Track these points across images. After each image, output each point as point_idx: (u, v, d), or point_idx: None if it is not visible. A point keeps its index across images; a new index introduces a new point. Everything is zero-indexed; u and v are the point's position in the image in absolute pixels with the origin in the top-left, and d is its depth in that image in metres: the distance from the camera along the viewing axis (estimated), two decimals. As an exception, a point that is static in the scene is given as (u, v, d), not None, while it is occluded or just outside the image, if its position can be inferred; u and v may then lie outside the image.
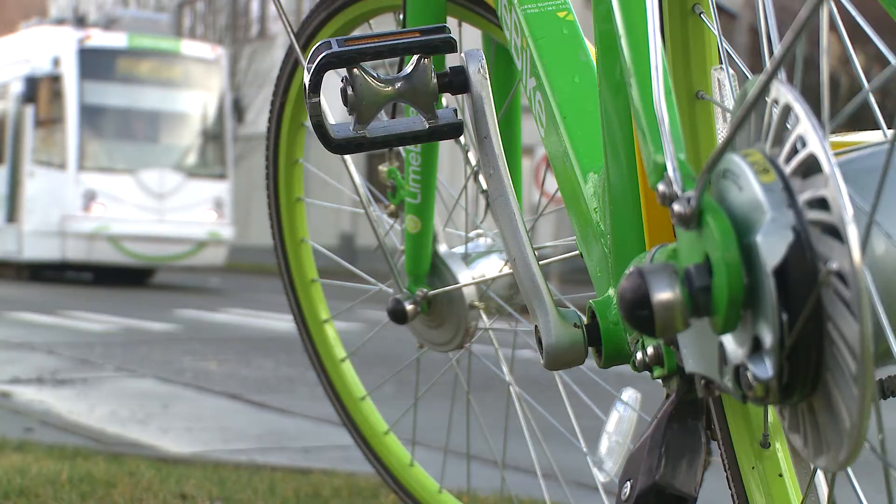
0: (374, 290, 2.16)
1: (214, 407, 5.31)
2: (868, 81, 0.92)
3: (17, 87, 18.29)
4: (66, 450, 3.53)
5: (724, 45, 1.21)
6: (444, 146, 1.86)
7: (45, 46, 17.91)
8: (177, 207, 17.09)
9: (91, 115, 17.30)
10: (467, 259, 1.93)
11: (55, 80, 17.35)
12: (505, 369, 2.00)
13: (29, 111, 17.85)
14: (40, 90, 17.61)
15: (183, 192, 17.13)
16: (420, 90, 1.30)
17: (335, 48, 1.25)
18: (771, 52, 1.04)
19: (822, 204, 0.84)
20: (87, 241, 16.86)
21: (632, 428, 1.83)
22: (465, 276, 1.90)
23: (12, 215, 18.26)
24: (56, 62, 17.41)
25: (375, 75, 1.28)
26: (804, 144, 0.86)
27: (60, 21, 20.01)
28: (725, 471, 1.32)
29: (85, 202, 16.93)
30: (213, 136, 18.15)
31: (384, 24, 2.10)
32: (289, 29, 1.76)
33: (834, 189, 0.82)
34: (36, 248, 17.39)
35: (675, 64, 1.27)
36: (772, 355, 0.87)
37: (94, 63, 17.29)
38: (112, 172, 17.04)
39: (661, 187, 0.98)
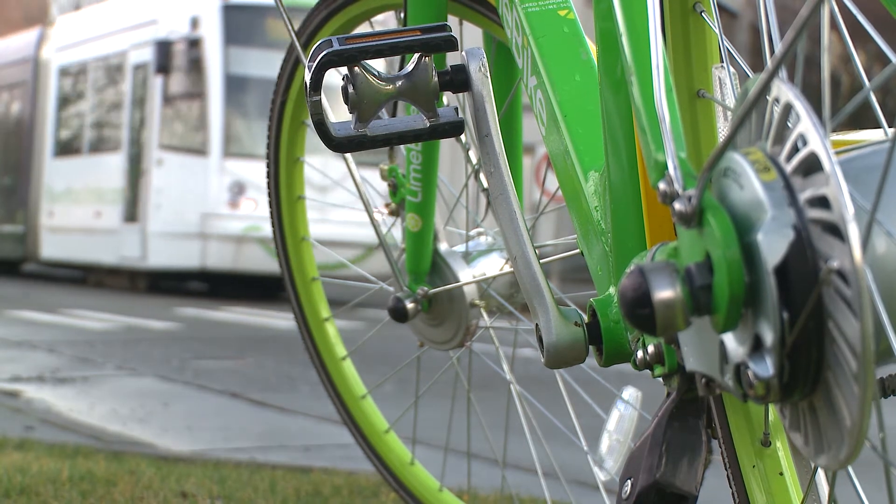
0: (374, 288, 2.16)
1: (215, 405, 5.31)
2: (869, 80, 0.92)
3: (138, 57, 14.88)
4: (66, 448, 3.53)
5: (725, 43, 1.21)
6: (445, 144, 1.86)
7: (179, 4, 14.28)
8: (343, 203, 11.70)
9: (237, 88, 13.55)
10: (468, 257, 1.93)
11: (193, 44, 13.69)
12: (506, 368, 2.00)
13: (157, 84, 14.38)
14: (174, 58, 14.02)
15: (350, 184, 12.36)
16: (421, 88, 1.30)
17: (336, 46, 1.26)
18: (772, 51, 1.04)
19: (822, 202, 0.84)
20: (234, 245, 13.15)
21: (632, 426, 1.83)
22: (466, 275, 1.90)
23: (132, 213, 14.77)
24: (195, 23, 13.70)
25: (376, 73, 1.28)
26: (805, 143, 0.86)
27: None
28: (726, 469, 1.32)
29: (232, 196, 13.17)
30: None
31: (385, 22, 2.10)
32: (290, 27, 1.76)
33: (835, 187, 0.82)
34: (165, 253, 13.79)
35: (676, 62, 1.27)
36: (772, 354, 0.87)
37: (241, 24, 13.58)
38: (263, 159, 13.36)
39: (661, 186, 0.98)
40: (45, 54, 17.86)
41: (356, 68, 1.27)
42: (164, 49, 14.03)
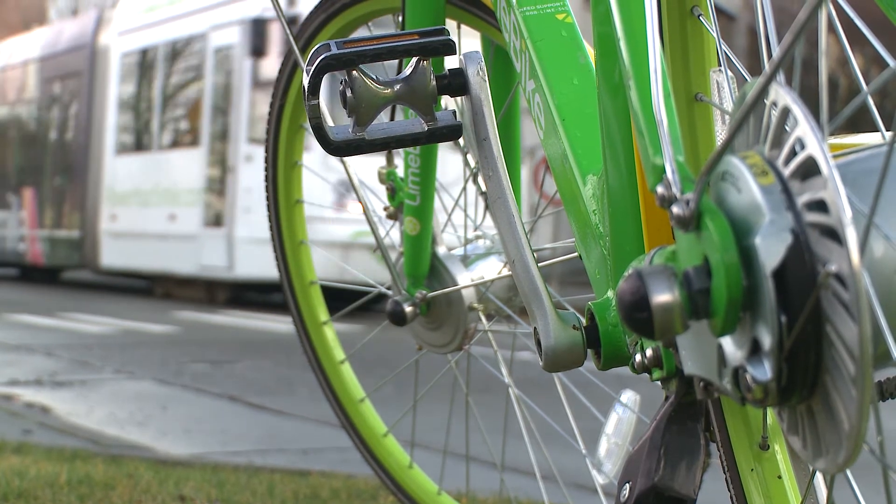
0: (373, 292, 2.16)
1: (213, 409, 5.31)
2: (866, 84, 0.92)
3: (221, 38, 13.16)
4: (64, 452, 3.53)
5: (722, 47, 1.21)
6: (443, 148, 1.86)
7: None
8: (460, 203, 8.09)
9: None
10: (466, 261, 1.93)
11: (292, 23, 11.18)
12: (504, 371, 2.00)
13: (245, 70, 12.70)
14: (270, 39, 12.28)
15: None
16: (419, 92, 1.30)
17: (334, 50, 1.26)
18: (770, 55, 1.04)
19: (820, 206, 0.84)
20: (340, 253, 11.20)
21: (631, 430, 1.83)
22: (464, 278, 1.90)
23: (215, 216, 13.09)
24: None
25: (374, 77, 1.28)
26: (803, 146, 0.86)
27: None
28: (724, 473, 1.32)
29: (338, 197, 11.09)
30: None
31: (383, 26, 2.10)
32: (288, 31, 1.76)
33: (832, 191, 0.82)
34: (255, 262, 11.89)
35: (673, 66, 1.27)
36: (771, 357, 0.87)
37: None
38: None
39: (659, 189, 0.98)
40: (103, 40, 15.80)
41: (354, 72, 1.27)
42: (259, 28, 12.25)
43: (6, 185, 18.29)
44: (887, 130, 0.99)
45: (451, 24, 1.77)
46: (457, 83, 1.30)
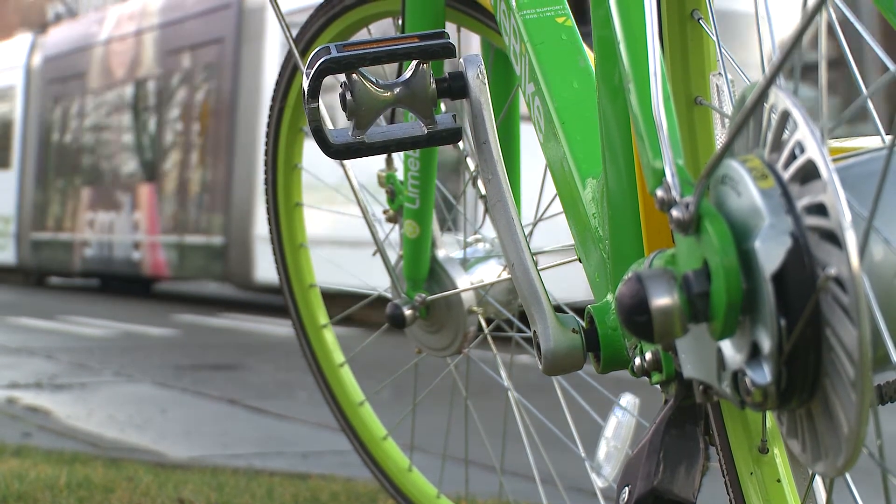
0: (373, 295, 2.16)
1: (213, 412, 5.31)
2: (866, 87, 0.92)
3: None
4: (64, 455, 3.53)
5: (722, 50, 1.21)
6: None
7: None
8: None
9: None
10: (466, 264, 1.93)
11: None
12: (503, 374, 2.00)
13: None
14: None
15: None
16: (419, 95, 1.30)
17: (334, 53, 1.26)
18: (769, 58, 1.04)
19: (820, 210, 0.84)
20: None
21: (630, 433, 1.83)
22: (464, 282, 1.90)
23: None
24: None
25: (374, 80, 1.29)
26: (802, 150, 0.86)
27: None
28: (724, 476, 1.32)
29: None
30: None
31: (383, 29, 2.10)
32: (288, 34, 1.77)
33: (832, 195, 0.82)
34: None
35: (673, 69, 1.27)
36: (770, 361, 0.87)
37: None
38: None
39: (659, 193, 0.98)
40: (255, -3, 12.34)
41: (354, 75, 1.27)
42: None
43: (114, 182, 14.97)
44: (887, 134, 0.99)
45: (450, 28, 1.77)
46: (457, 86, 1.30)
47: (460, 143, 1.93)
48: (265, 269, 11.42)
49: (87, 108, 15.86)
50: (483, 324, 1.93)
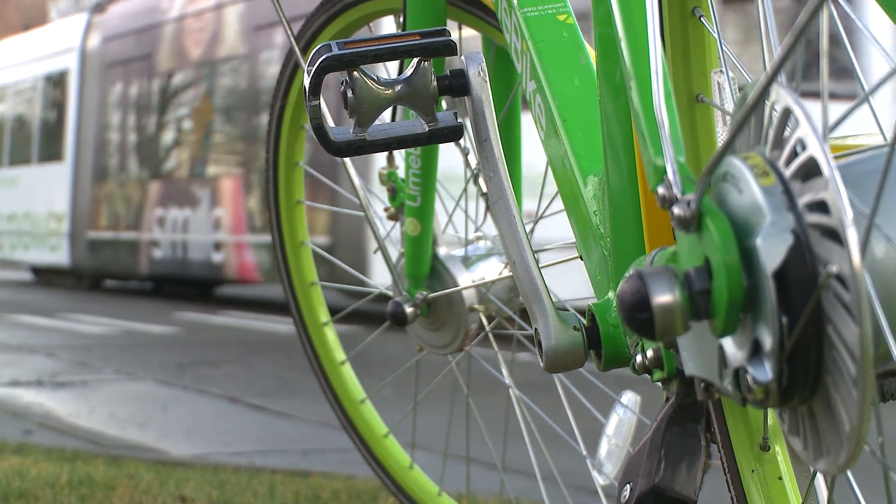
0: (374, 293, 2.16)
1: (214, 409, 5.31)
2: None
3: None
4: (65, 452, 3.53)
5: (724, 47, 1.21)
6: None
7: None
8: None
9: None
10: (467, 262, 1.93)
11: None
12: (504, 372, 2.00)
13: None
14: None
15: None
16: (420, 93, 1.30)
17: (335, 51, 1.26)
18: (771, 55, 1.04)
19: (821, 207, 0.84)
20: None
21: (631, 431, 1.83)
22: (465, 279, 1.90)
23: None
24: None
25: (375, 78, 1.29)
26: (804, 147, 0.86)
27: None
28: (725, 474, 1.32)
29: None
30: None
31: (384, 27, 2.10)
32: (289, 32, 1.77)
33: (834, 192, 0.82)
34: None
35: (674, 67, 1.27)
36: (771, 358, 0.87)
37: None
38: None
39: (660, 190, 0.98)
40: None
41: (355, 73, 1.27)
42: None
43: (190, 175, 13.47)
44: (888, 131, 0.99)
45: (451, 25, 1.77)
46: (458, 84, 1.30)
47: (461, 141, 1.93)
48: (382, 273, 8.80)
49: (155, 93, 14.27)
50: (484, 321, 1.93)
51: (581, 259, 1.37)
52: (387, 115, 1.50)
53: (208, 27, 13.21)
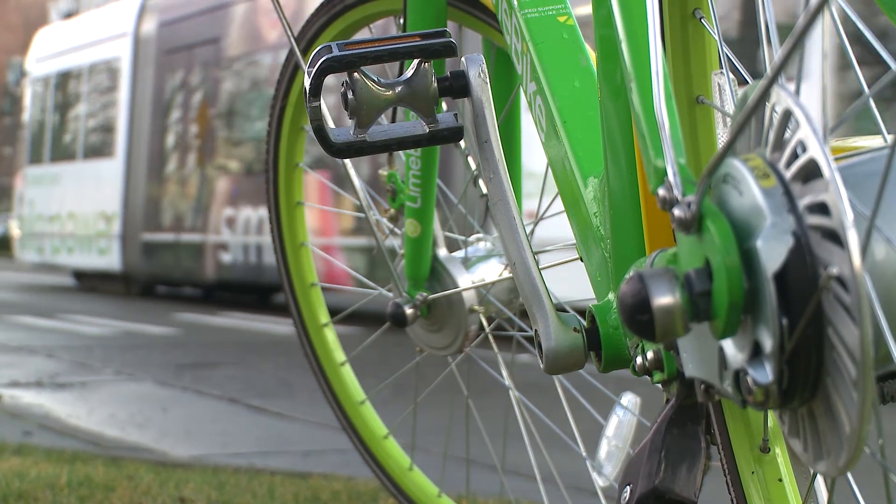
0: (373, 294, 2.16)
1: (213, 411, 5.31)
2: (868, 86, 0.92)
3: None
4: (64, 453, 3.53)
5: (724, 49, 1.21)
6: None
7: None
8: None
9: None
10: (467, 263, 1.93)
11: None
12: (504, 373, 2.00)
13: None
14: None
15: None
16: (420, 94, 1.30)
17: (335, 52, 1.26)
18: (771, 57, 1.04)
19: (822, 209, 0.84)
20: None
21: (631, 432, 1.83)
22: (465, 281, 1.90)
23: None
24: None
25: (376, 79, 1.29)
26: (804, 149, 0.86)
27: None
28: (725, 475, 1.32)
29: None
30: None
31: (385, 28, 2.10)
32: (289, 33, 1.77)
33: (834, 194, 0.82)
34: None
35: (675, 68, 1.27)
36: (772, 360, 0.87)
37: None
38: None
39: (661, 192, 0.98)
40: None
41: (355, 74, 1.27)
42: None
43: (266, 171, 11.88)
44: (889, 133, 0.99)
45: (452, 26, 1.77)
46: (458, 85, 1.30)
47: (461, 142, 1.93)
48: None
49: (222, 82, 13.22)
50: (484, 323, 1.93)
51: (581, 260, 1.37)
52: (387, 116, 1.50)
53: (288, 6, 11.11)
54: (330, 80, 1.28)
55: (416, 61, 1.29)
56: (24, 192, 16.88)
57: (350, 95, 1.28)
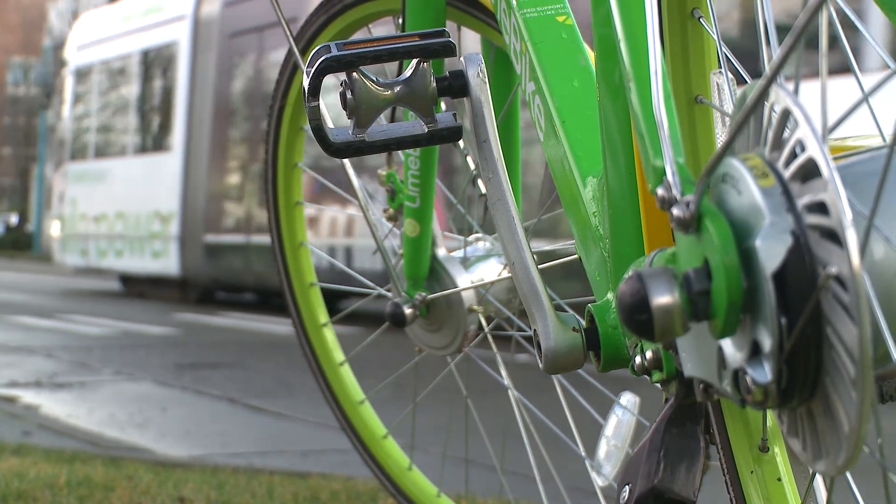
0: (372, 294, 2.16)
1: (213, 411, 5.31)
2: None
3: None
4: (64, 453, 3.53)
5: (723, 49, 1.21)
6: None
7: None
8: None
9: None
10: (466, 263, 1.93)
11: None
12: (503, 373, 2.00)
13: None
14: None
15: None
16: (419, 94, 1.30)
17: (334, 52, 1.26)
18: (770, 57, 1.04)
19: (821, 208, 0.84)
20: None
21: (630, 432, 1.83)
22: (464, 280, 1.90)
23: None
24: None
25: (374, 79, 1.28)
26: (803, 148, 0.86)
27: None
28: (724, 475, 1.32)
29: None
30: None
31: (384, 28, 2.10)
32: (288, 32, 1.76)
33: (833, 193, 0.82)
34: None
35: (674, 68, 1.27)
36: (771, 359, 0.87)
37: None
38: None
39: (660, 191, 0.98)
40: None
41: (354, 74, 1.27)
42: None
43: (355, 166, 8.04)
44: (887, 132, 0.99)
45: (451, 26, 1.77)
46: (457, 85, 1.30)
47: (460, 142, 1.93)
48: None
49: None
50: (483, 322, 1.93)
51: (580, 260, 1.37)
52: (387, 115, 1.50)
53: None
54: (329, 79, 1.28)
55: (414, 61, 1.29)
56: (65, 191, 15.48)
57: (349, 95, 1.28)
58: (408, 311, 1.89)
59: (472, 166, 1.96)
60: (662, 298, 0.94)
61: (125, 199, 14.14)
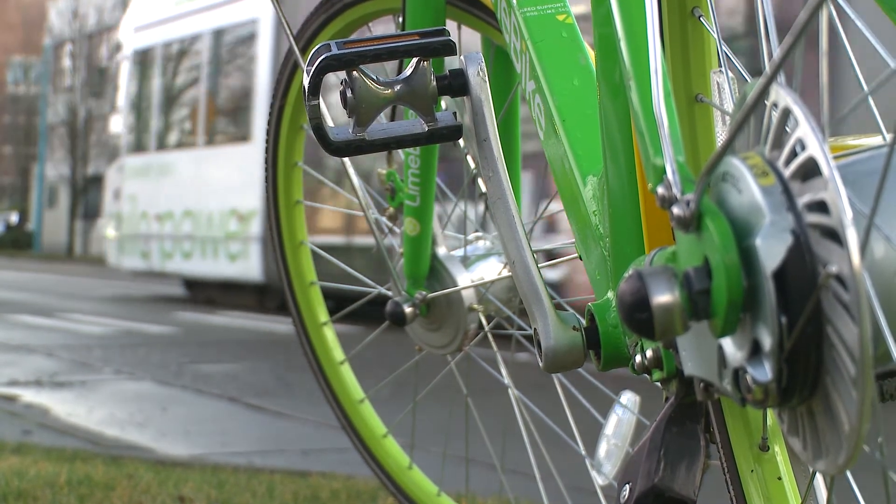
0: (373, 293, 2.16)
1: (213, 410, 5.31)
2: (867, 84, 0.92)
3: None
4: (64, 452, 3.53)
5: (723, 47, 1.21)
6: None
7: None
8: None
9: None
10: (466, 262, 1.93)
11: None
12: (504, 372, 2.00)
13: None
14: None
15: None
16: (419, 93, 1.30)
17: (334, 51, 1.25)
18: (770, 55, 1.04)
19: (821, 207, 0.83)
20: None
21: (630, 431, 1.83)
22: (464, 279, 1.90)
23: None
24: None
25: (375, 78, 1.28)
26: (803, 147, 0.86)
27: None
28: (724, 474, 1.32)
29: None
30: None
31: (384, 26, 2.10)
32: (288, 31, 1.76)
33: (833, 192, 0.82)
34: None
35: (674, 67, 1.27)
36: (771, 358, 0.87)
37: None
38: None
39: (660, 190, 0.98)
40: None
41: (354, 73, 1.27)
42: None
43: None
44: (888, 131, 0.99)
45: (451, 25, 1.77)
46: (457, 84, 1.30)
47: (460, 141, 1.93)
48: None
49: None
50: (483, 321, 1.93)
51: (580, 259, 1.37)
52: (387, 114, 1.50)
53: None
54: (329, 78, 1.28)
55: (415, 60, 1.29)
56: (121, 187, 14.14)
57: (349, 94, 1.27)
58: (408, 310, 1.89)
59: (472, 165, 1.96)
60: (663, 297, 0.94)
61: (194, 195, 12.88)
